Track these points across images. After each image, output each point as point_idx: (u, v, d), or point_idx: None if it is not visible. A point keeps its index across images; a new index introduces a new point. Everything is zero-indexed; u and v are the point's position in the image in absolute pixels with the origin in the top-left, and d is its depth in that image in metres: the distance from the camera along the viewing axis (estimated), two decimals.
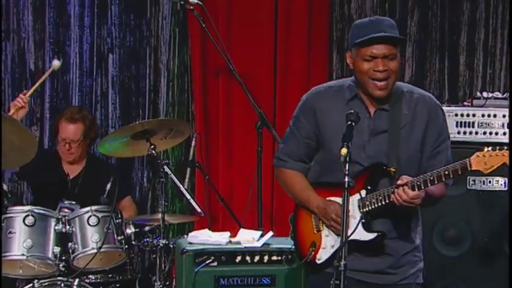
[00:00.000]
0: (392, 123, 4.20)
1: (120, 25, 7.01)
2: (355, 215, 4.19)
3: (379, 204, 4.15)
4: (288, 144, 4.41)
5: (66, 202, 5.91)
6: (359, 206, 4.20)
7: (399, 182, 4.09)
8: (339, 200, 4.12)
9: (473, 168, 3.98)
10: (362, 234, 4.19)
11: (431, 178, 4.04)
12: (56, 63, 6.27)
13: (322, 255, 4.27)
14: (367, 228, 4.19)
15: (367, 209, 4.19)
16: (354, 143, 4.08)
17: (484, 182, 6.05)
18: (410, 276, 4.32)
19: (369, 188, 4.19)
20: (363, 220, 4.18)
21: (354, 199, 4.19)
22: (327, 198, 4.25)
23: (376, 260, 4.26)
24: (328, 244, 4.26)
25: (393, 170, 4.16)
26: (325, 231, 4.29)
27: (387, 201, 4.13)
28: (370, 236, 4.19)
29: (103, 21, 6.99)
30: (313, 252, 4.30)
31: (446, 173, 4.02)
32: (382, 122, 4.22)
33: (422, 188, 4.05)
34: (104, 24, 6.99)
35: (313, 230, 4.36)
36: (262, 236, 4.86)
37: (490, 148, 4.00)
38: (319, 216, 4.30)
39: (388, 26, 4.16)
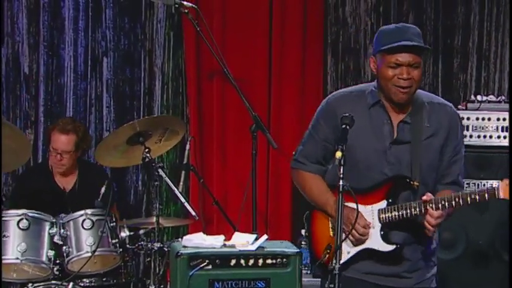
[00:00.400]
0: (414, 135, 4.23)
1: (115, 28, 7.01)
2: (374, 224, 4.23)
3: (401, 218, 4.18)
4: (306, 146, 4.45)
5: (63, 215, 5.87)
6: (379, 217, 4.21)
7: (424, 197, 4.14)
8: (352, 205, 4.12)
9: (501, 197, 4.03)
10: (380, 245, 4.23)
11: (457, 199, 4.09)
12: None
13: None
14: (386, 239, 4.23)
15: (387, 220, 4.20)
16: (375, 149, 4.19)
17: (478, 185, 6.06)
18: (425, 281, 4.36)
19: (390, 200, 4.21)
20: (382, 232, 4.20)
21: (375, 208, 4.24)
22: (344, 204, 4.26)
23: (393, 264, 4.28)
24: (344, 249, 4.26)
25: (416, 184, 4.18)
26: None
27: (409, 216, 4.16)
28: (388, 247, 4.23)
29: (97, 25, 6.99)
30: (327, 255, 4.32)
31: (473, 197, 4.09)
32: (405, 134, 4.25)
33: (447, 207, 4.10)
34: (99, 27, 6.99)
35: (330, 232, 4.38)
36: (256, 239, 4.84)
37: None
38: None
39: (414, 34, 4.19)
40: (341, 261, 4.21)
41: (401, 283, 4.31)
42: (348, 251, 4.27)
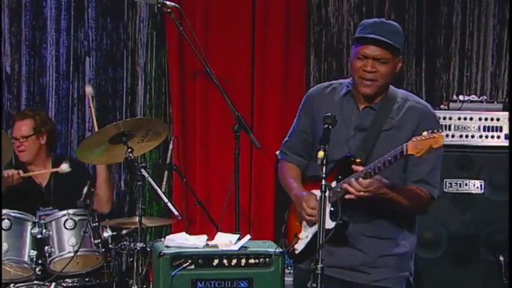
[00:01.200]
0: (374, 122, 4.24)
1: (97, 28, 6.99)
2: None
3: (342, 193, 4.18)
4: (290, 138, 4.55)
5: (43, 209, 5.86)
6: (329, 197, 4.23)
7: (355, 169, 4.16)
8: (316, 191, 4.21)
9: (408, 153, 3.98)
10: (328, 223, 4.22)
11: (379, 165, 4.08)
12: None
13: (299, 246, 4.36)
14: (333, 217, 4.23)
15: (334, 199, 4.22)
16: (341, 137, 4.24)
17: (460, 184, 6.09)
18: (387, 280, 4.33)
19: (340, 177, 4.23)
20: (331, 209, 4.21)
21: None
22: (312, 191, 4.33)
23: (348, 255, 4.29)
24: (304, 235, 4.35)
25: (358, 160, 4.18)
26: (304, 223, 4.35)
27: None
28: (333, 224, 4.21)
29: (80, 24, 6.97)
30: (295, 243, 4.38)
31: (389, 158, 4.06)
32: (367, 119, 4.27)
33: (372, 174, 4.08)
34: (81, 27, 6.97)
35: (297, 221, 4.43)
36: (239, 239, 4.85)
37: (425, 132, 3.98)
38: (296, 206, 4.37)
39: (388, 30, 4.20)
40: (301, 247, 4.35)
41: (358, 278, 4.31)
42: (306, 235, 4.33)
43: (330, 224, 4.20)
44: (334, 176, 4.26)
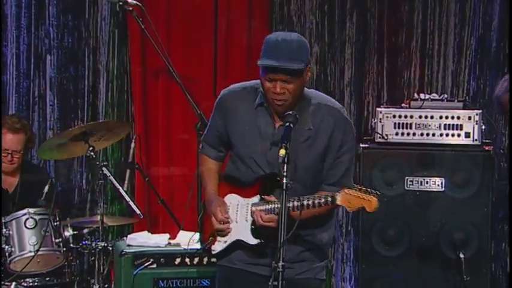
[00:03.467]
0: (293, 137, 4.22)
1: (58, 26, 6.94)
2: (247, 218, 4.29)
3: (268, 212, 4.24)
4: (207, 132, 4.57)
5: (8, 217, 5.81)
6: (251, 211, 4.25)
7: (267, 197, 4.22)
8: (236, 196, 4.32)
9: (338, 204, 4.08)
10: (248, 238, 4.29)
11: (304, 204, 4.12)
12: None
13: (217, 247, 4.37)
14: (254, 233, 4.28)
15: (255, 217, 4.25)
16: (258, 148, 4.29)
17: (421, 182, 6.12)
18: (308, 271, 4.38)
19: (262, 196, 4.27)
20: (252, 226, 4.26)
21: (250, 203, 4.30)
22: (228, 194, 4.37)
23: (273, 254, 4.30)
24: (222, 239, 4.36)
25: (285, 182, 4.17)
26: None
27: (274, 211, 4.22)
28: (254, 241, 4.28)
29: (40, 22, 6.92)
30: (211, 241, 4.40)
31: (316, 202, 4.11)
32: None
33: (292, 210, 4.13)
34: (42, 24, 6.92)
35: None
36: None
37: (357, 187, 4.04)
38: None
39: (289, 51, 4.16)
40: (218, 249, 4.37)
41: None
42: (225, 240, 4.35)
43: (251, 240, 4.27)
44: (257, 190, 4.30)
